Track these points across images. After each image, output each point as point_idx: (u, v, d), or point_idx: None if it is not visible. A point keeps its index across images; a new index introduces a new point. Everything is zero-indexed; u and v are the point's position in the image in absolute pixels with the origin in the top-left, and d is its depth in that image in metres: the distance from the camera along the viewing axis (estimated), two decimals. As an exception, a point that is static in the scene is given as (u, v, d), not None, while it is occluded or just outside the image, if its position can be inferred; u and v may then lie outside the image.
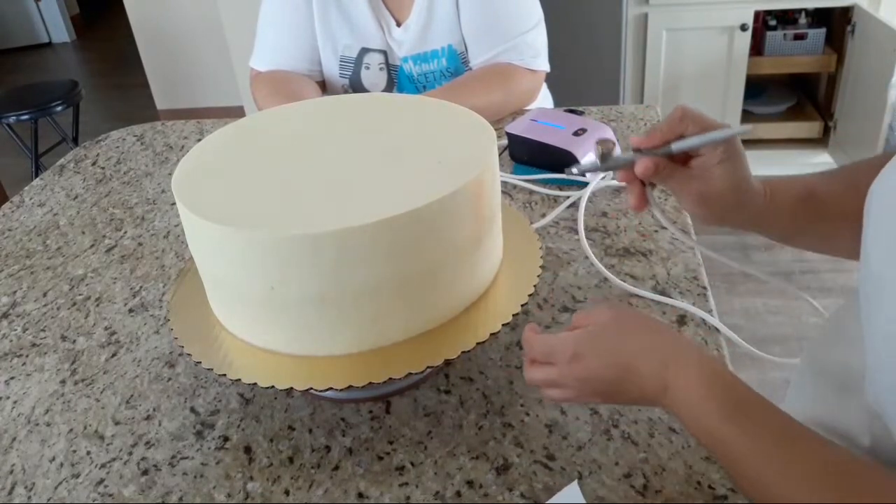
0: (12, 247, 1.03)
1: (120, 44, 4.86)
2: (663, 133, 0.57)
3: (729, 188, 0.58)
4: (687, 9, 2.34)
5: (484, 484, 0.60)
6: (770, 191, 0.60)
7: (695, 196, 0.59)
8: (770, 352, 0.77)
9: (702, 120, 0.57)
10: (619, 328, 0.54)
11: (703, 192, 0.58)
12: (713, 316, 0.75)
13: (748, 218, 0.61)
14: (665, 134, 0.57)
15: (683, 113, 0.57)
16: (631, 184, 0.60)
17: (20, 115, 2.63)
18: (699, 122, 0.57)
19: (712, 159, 0.57)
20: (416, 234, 0.57)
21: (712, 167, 0.57)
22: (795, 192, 0.61)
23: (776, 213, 0.60)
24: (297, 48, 1.27)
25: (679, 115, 0.57)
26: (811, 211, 0.61)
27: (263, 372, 0.61)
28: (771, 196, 0.60)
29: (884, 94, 2.10)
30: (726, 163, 0.57)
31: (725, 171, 0.57)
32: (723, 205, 0.59)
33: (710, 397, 0.48)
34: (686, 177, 0.58)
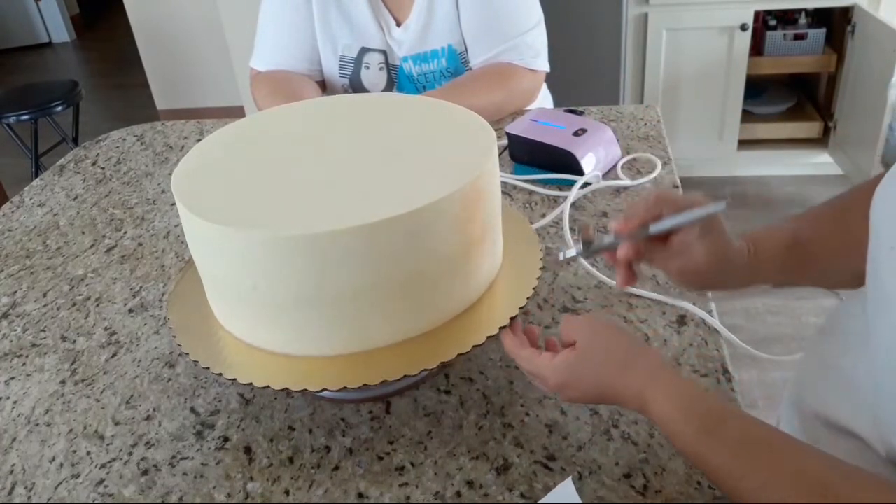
0: (12, 247, 1.03)
1: (120, 44, 4.86)
2: (640, 217, 0.60)
3: (710, 260, 0.59)
4: (687, 9, 2.34)
5: (484, 484, 0.60)
6: (754, 247, 0.61)
7: (677, 271, 0.61)
8: (770, 352, 0.77)
9: (675, 201, 0.59)
10: (595, 354, 0.57)
11: (685, 267, 0.60)
12: (713, 316, 0.75)
13: (735, 280, 0.62)
14: (642, 217, 0.60)
15: (658, 196, 0.60)
16: (617, 265, 0.63)
17: (20, 115, 2.63)
18: (673, 204, 0.59)
19: (691, 236, 0.59)
20: (415, 235, 0.57)
21: (692, 243, 0.59)
22: (780, 242, 0.62)
23: (764, 269, 0.62)
24: (297, 48, 1.27)
25: (654, 199, 0.60)
26: (799, 258, 0.61)
27: (262, 372, 0.61)
28: (755, 253, 0.61)
29: (884, 94, 2.10)
30: (705, 237, 0.58)
31: (705, 245, 0.59)
32: (705, 276, 0.61)
33: (684, 417, 0.51)
34: (667, 254, 0.60)
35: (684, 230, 0.59)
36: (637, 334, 0.73)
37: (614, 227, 0.61)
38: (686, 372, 0.69)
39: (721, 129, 2.50)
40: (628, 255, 0.61)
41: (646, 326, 0.74)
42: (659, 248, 0.61)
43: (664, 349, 0.71)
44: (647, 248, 0.61)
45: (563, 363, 0.57)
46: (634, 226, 0.60)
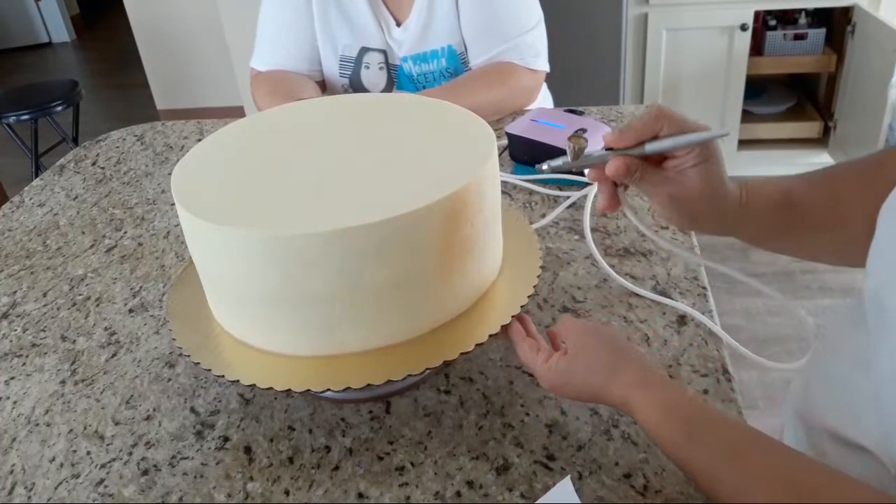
0: (12, 247, 1.03)
1: (120, 44, 4.86)
2: (637, 132, 0.56)
3: (702, 193, 0.56)
4: (687, 9, 2.34)
5: (484, 484, 0.60)
6: (746, 195, 0.58)
7: (666, 199, 0.57)
8: (770, 352, 0.77)
9: (678, 121, 0.55)
10: (583, 359, 0.57)
11: (676, 195, 0.57)
12: (713, 317, 0.75)
13: (721, 223, 0.59)
14: (639, 133, 0.55)
15: (659, 112, 0.55)
16: (602, 183, 0.59)
17: (20, 115, 2.63)
18: (675, 123, 0.55)
19: (687, 162, 0.55)
20: (413, 236, 0.57)
21: (686, 170, 0.55)
22: (773, 197, 0.59)
23: (751, 218, 0.59)
24: (297, 48, 1.27)
25: (655, 114, 0.55)
26: (789, 219, 0.59)
27: (262, 373, 0.61)
28: (747, 201, 0.58)
29: (884, 94, 2.10)
30: (701, 166, 0.55)
31: (700, 174, 0.55)
32: (695, 209, 0.57)
33: (669, 422, 0.51)
34: (659, 178, 0.57)
35: (681, 154, 0.55)
36: (636, 334, 0.73)
37: (607, 140, 0.57)
38: (686, 372, 0.69)
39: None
40: (619, 172, 0.56)
41: (646, 326, 0.74)
42: (651, 170, 0.56)
43: (664, 349, 0.71)
44: (640, 169, 0.56)
45: (554, 366, 0.58)
46: (629, 141, 0.56)
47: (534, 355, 0.60)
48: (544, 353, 0.60)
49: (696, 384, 0.67)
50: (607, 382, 0.55)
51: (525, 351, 0.61)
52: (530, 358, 0.60)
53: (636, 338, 0.73)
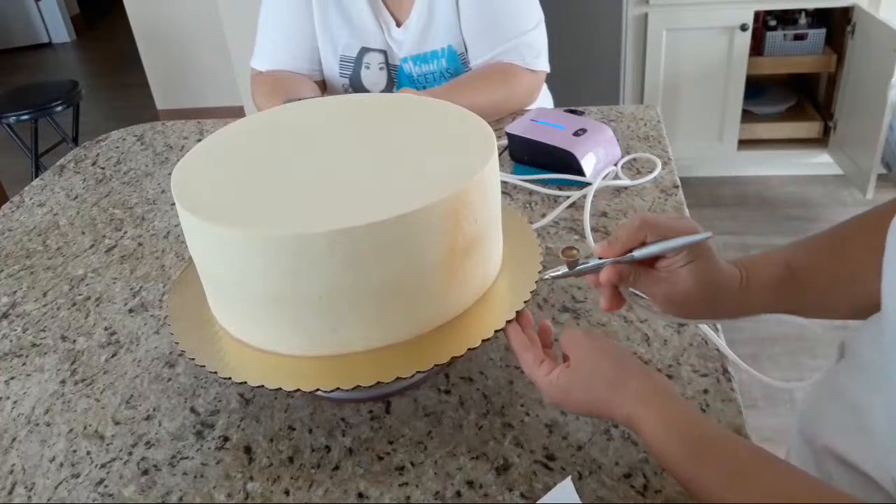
0: (12, 247, 1.03)
1: (120, 44, 4.86)
2: (623, 243, 0.58)
3: (697, 288, 0.57)
4: (687, 9, 2.34)
5: (484, 484, 0.60)
6: (746, 275, 0.59)
7: (662, 298, 0.59)
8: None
9: (661, 227, 0.57)
10: (586, 372, 0.57)
11: (671, 293, 0.58)
12: (713, 316, 0.74)
13: (725, 310, 0.60)
14: (625, 243, 0.58)
15: (642, 221, 0.58)
16: (602, 287, 0.61)
17: (20, 115, 2.63)
18: (658, 230, 0.57)
19: (677, 262, 0.57)
20: (413, 236, 0.57)
21: (678, 270, 0.57)
22: (773, 271, 0.59)
23: (756, 298, 0.59)
24: (297, 48, 1.27)
25: (638, 224, 0.58)
26: (793, 288, 0.59)
27: (263, 373, 0.61)
28: (748, 281, 0.59)
29: (884, 94, 2.10)
30: (692, 265, 0.56)
31: (691, 272, 0.57)
32: (692, 304, 0.59)
33: (674, 440, 0.50)
34: (653, 280, 0.59)
35: (670, 255, 0.57)
36: (636, 334, 0.73)
37: (597, 251, 0.60)
38: (686, 372, 0.69)
39: (721, 129, 2.50)
40: (612, 280, 0.59)
41: (646, 326, 0.74)
42: (645, 273, 0.59)
43: (664, 349, 0.71)
44: (633, 273, 0.59)
45: (556, 380, 0.57)
46: (617, 252, 0.58)
47: (536, 367, 0.59)
48: (547, 365, 0.59)
49: (696, 384, 0.67)
50: (610, 397, 0.55)
51: (528, 362, 0.60)
52: (533, 370, 0.60)
53: (636, 338, 0.73)
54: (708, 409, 0.64)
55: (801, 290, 0.59)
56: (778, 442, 0.64)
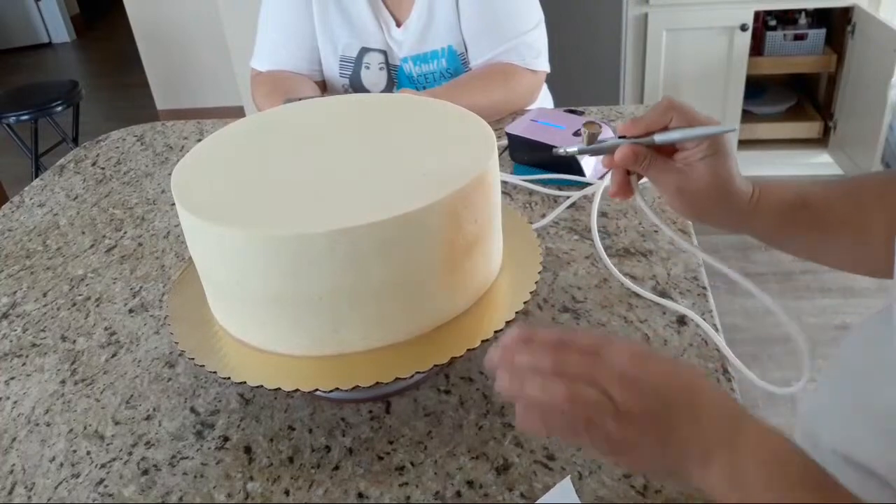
0: (12, 247, 1.03)
1: (120, 44, 4.86)
2: (647, 122, 0.57)
3: (710, 185, 0.56)
4: (687, 9, 2.34)
5: (484, 484, 0.60)
6: (759, 193, 0.58)
7: (674, 189, 0.58)
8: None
9: (688, 114, 0.56)
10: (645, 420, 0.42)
11: (683, 186, 0.57)
12: (713, 317, 0.75)
13: (730, 217, 0.59)
14: (649, 123, 0.56)
15: (669, 104, 0.56)
16: (614, 170, 0.60)
17: (20, 115, 2.63)
18: (685, 116, 0.56)
19: (695, 154, 0.56)
20: (414, 236, 0.57)
21: (695, 162, 0.56)
22: (788, 197, 0.59)
23: (763, 216, 0.59)
24: (298, 48, 1.27)
25: (665, 105, 0.56)
26: (803, 220, 0.59)
27: (263, 373, 0.61)
28: (759, 198, 0.58)
29: (884, 94, 2.10)
30: (710, 159, 0.55)
31: (708, 167, 0.56)
32: (702, 201, 0.58)
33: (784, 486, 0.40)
34: (668, 169, 0.57)
35: (690, 146, 0.56)
36: (636, 334, 0.73)
37: (620, 128, 0.58)
38: (686, 372, 0.68)
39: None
40: (627, 159, 0.57)
41: (646, 326, 0.74)
42: (661, 160, 0.57)
43: (664, 349, 0.71)
44: (649, 158, 0.57)
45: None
46: (640, 130, 0.57)
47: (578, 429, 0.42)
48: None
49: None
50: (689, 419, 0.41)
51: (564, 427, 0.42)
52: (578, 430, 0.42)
53: (636, 338, 0.73)
54: (708, 409, 0.64)
55: (811, 220, 0.59)
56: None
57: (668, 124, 0.56)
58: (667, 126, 0.56)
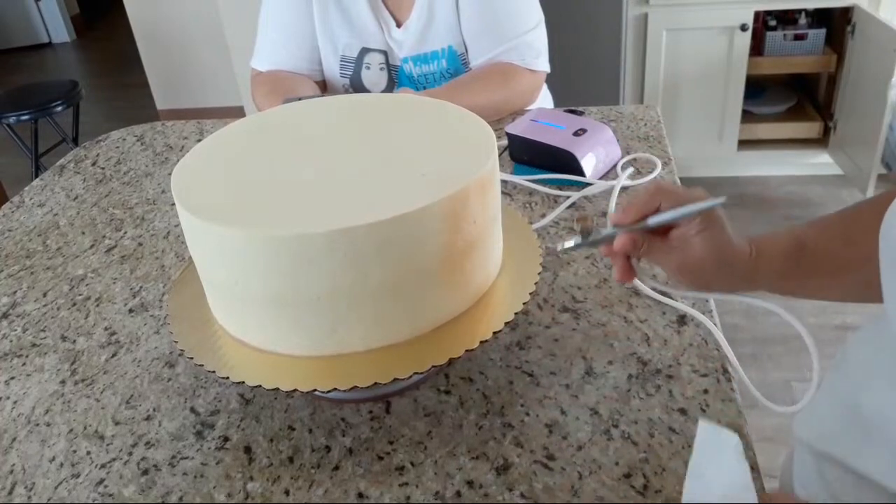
0: (12, 247, 1.03)
1: (120, 44, 4.87)
2: (638, 209, 0.58)
3: (709, 257, 0.58)
4: (687, 9, 2.34)
5: (484, 484, 0.60)
6: (756, 250, 0.59)
7: (675, 267, 0.60)
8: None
9: (676, 194, 0.57)
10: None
11: (684, 262, 0.59)
12: (713, 316, 0.75)
13: (734, 283, 0.60)
14: (640, 210, 0.58)
15: (657, 188, 0.58)
16: (614, 257, 0.61)
17: (20, 115, 2.64)
18: (673, 197, 0.57)
19: (690, 230, 0.57)
20: (413, 236, 0.57)
21: (691, 238, 0.57)
22: (784, 248, 0.60)
23: (764, 273, 0.60)
24: (298, 48, 1.27)
25: (653, 190, 0.58)
26: (802, 267, 0.60)
27: (263, 373, 0.61)
28: (757, 255, 0.59)
29: (884, 94, 2.10)
30: (705, 233, 0.57)
31: (704, 240, 0.57)
32: (704, 273, 0.59)
33: None
34: (666, 248, 0.59)
35: (683, 224, 0.57)
36: (636, 334, 0.73)
37: (612, 219, 0.60)
38: (686, 372, 0.69)
39: (721, 129, 2.50)
40: (625, 247, 0.59)
41: (646, 326, 0.74)
42: (658, 241, 0.59)
43: (664, 349, 0.71)
44: (646, 242, 0.60)
45: None
46: (632, 218, 0.59)
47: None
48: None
49: (696, 384, 0.67)
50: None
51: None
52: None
53: (636, 338, 0.73)
54: (708, 409, 0.64)
55: (809, 266, 0.60)
56: (779, 442, 0.64)
57: (658, 207, 0.58)
58: (658, 208, 0.58)
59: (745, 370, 0.70)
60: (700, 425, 0.50)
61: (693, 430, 0.62)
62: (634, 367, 0.70)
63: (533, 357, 0.72)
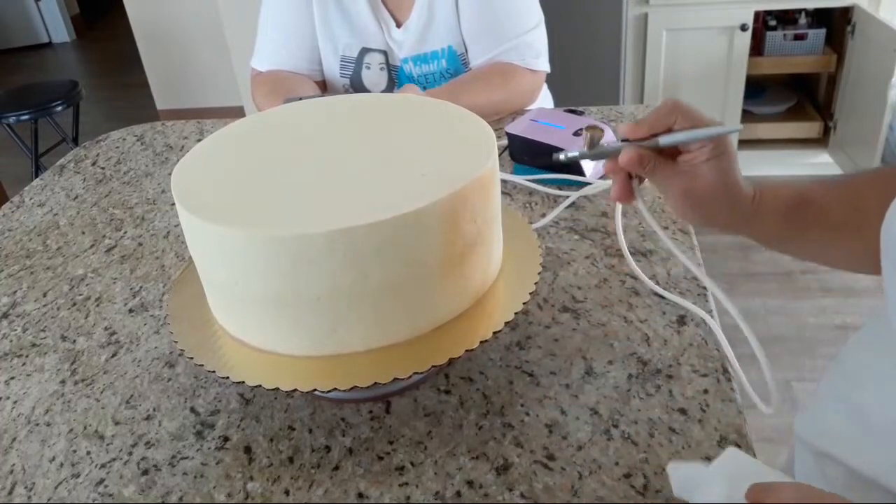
0: (12, 247, 1.03)
1: (120, 44, 4.86)
2: (651, 124, 0.55)
3: (715, 187, 0.55)
4: (687, 9, 2.34)
5: (484, 484, 0.60)
6: (760, 194, 0.57)
7: (679, 193, 0.57)
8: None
9: (692, 115, 0.55)
10: None
11: (688, 189, 0.56)
12: (713, 317, 0.75)
13: (734, 220, 0.58)
14: (653, 125, 0.55)
15: (674, 106, 0.55)
16: (616, 174, 0.59)
17: (20, 115, 2.64)
18: (689, 117, 0.55)
19: (700, 156, 0.55)
20: (413, 236, 0.57)
21: (699, 164, 0.55)
22: (788, 197, 0.58)
23: (765, 217, 0.58)
24: (298, 48, 1.27)
25: (669, 107, 0.55)
26: (804, 218, 0.58)
27: (263, 373, 0.61)
28: (760, 200, 0.57)
29: (884, 94, 2.11)
30: (714, 161, 0.55)
31: (712, 169, 0.55)
32: (707, 204, 0.57)
33: None
34: (672, 172, 0.56)
35: (695, 149, 0.54)
36: (636, 334, 0.73)
37: (622, 130, 0.57)
38: (686, 372, 0.69)
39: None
40: (631, 163, 0.56)
41: (646, 326, 0.74)
42: (664, 163, 0.56)
43: (664, 349, 0.71)
44: (653, 161, 0.56)
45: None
46: (643, 132, 0.56)
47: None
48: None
49: (696, 384, 0.67)
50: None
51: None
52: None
53: (636, 338, 0.73)
54: (708, 409, 0.64)
55: (810, 220, 0.58)
56: (779, 442, 0.64)
57: (671, 126, 0.55)
58: (670, 128, 0.55)
59: (745, 370, 0.70)
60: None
61: (693, 430, 0.62)
62: (634, 367, 0.70)
63: (533, 357, 0.72)
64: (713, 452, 0.60)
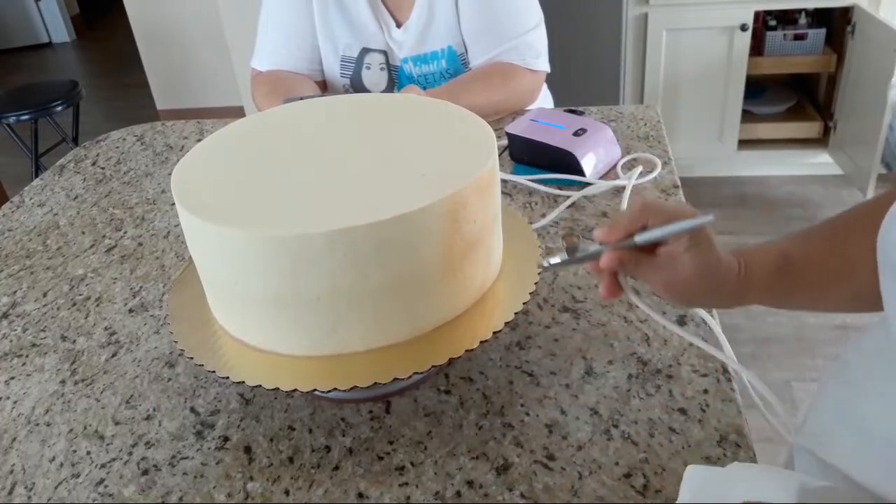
0: (12, 247, 1.03)
1: (120, 44, 4.86)
2: (625, 226, 0.57)
3: (697, 275, 0.56)
4: (687, 9, 2.34)
5: (484, 484, 0.60)
6: (745, 267, 0.58)
7: (662, 285, 0.58)
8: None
9: (664, 211, 0.56)
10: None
11: (671, 280, 0.57)
12: (713, 317, 0.75)
13: (723, 299, 0.59)
14: (627, 227, 0.57)
15: (644, 205, 0.57)
16: (600, 274, 0.60)
17: (20, 115, 2.63)
18: (661, 214, 0.56)
19: (678, 247, 0.56)
20: (413, 236, 0.58)
21: (679, 256, 0.56)
22: (772, 264, 0.59)
23: (753, 287, 0.59)
24: (298, 48, 1.27)
25: (640, 207, 0.57)
26: (790, 279, 0.59)
27: (263, 373, 0.61)
28: (746, 271, 0.58)
29: (884, 94, 2.10)
30: (693, 251, 0.56)
31: (692, 259, 0.56)
32: (692, 291, 0.58)
33: None
34: (653, 266, 0.58)
35: (671, 242, 0.56)
36: (636, 334, 0.73)
37: (598, 235, 0.59)
38: (686, 372, 0.69)
39: (721, 129, 2.50)
40: (612, 265, 0.58)
41: (646, 326, 0.74)
42: (645, 259, 0.58)
43: (664, 349, 0.71)
44: (633, 260, 0.58)
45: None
46: (619, 235, 0.57)
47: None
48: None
49: (696, 384, 0.67)
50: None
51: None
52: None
53: (636, 338, 0.73)
54: (708, 409, 0.64)
55: (798, 280, 0.59)
56: (779, 442, 0.64)
57: (646, 224, 0.56)
58: (645, 226, 0.56)
59: (745, 370, 0.70)
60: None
61: (693, 430, 0.62)
62: (634, 366, 0.70)
63: (533, 357, 0.72)
64: (713, 452, 0.60)
